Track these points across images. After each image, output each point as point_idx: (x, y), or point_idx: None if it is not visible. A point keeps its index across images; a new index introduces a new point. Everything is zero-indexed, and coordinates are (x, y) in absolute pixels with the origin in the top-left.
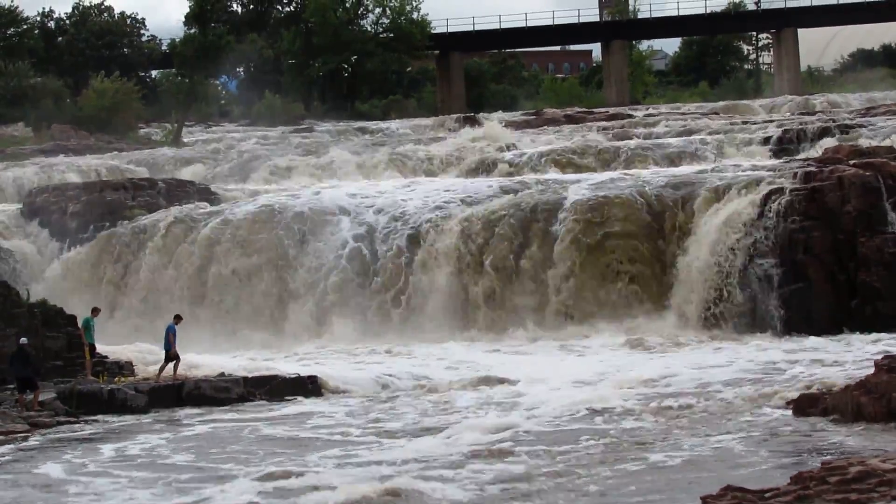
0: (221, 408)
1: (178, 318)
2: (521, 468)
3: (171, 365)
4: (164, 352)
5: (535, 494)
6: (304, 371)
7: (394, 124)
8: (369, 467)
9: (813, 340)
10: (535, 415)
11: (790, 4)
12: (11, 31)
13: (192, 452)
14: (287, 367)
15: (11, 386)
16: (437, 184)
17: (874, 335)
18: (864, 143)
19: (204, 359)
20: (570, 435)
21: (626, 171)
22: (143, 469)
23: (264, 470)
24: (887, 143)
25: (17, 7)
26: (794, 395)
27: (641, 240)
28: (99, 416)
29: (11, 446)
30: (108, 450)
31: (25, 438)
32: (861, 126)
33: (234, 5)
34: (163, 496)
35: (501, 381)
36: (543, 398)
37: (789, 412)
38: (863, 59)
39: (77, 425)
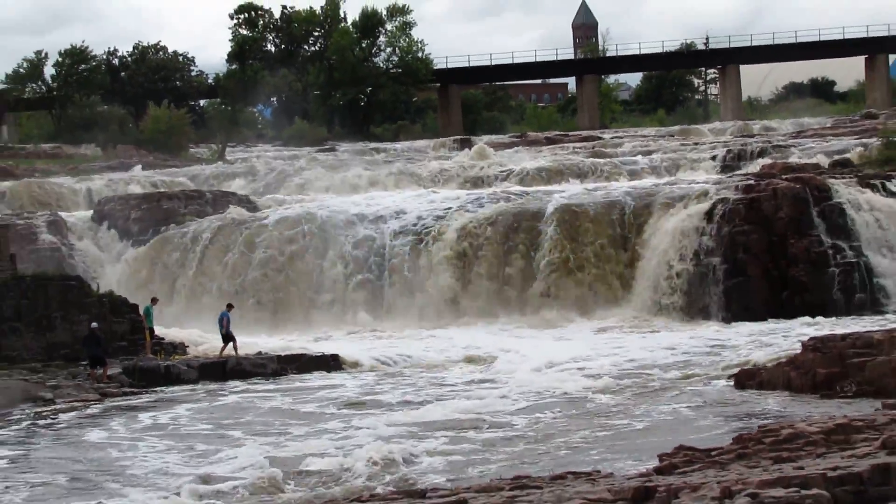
0: (259, 381)
1: (230, 307)
2: (500, 434)
3: (230, 345)
4: (219, 335)
5: (512, 457)
6: (328, 350)
7: (401, 145)
8: (359, 438)
9: (750, 326)
10: (512, 389)
11: (734, 45)
12: (83, 67)
13: (211, 423)
14: (314, 346)
15: (84, 363)
16: (439, 195)
17: (801, 320)
18: (794, 160)
19: (244, 339)
20: (543, 407)
21: (597, 184)
22: (167, 437)
23: (270, 439)
24: (814, 160)
25: (87, 47)
26: (735, 370)
27: (609, 241)
28: (157, 388)
29: (75, 413)
30: (145, 418)
31: (87, 406)
32: (792, 146)
33: (268, 45)
34: (179, 461)
35: (487, 359)
36: (521, 377)
37: (731, 385)
38: (794, 91)
39: (138, 395)
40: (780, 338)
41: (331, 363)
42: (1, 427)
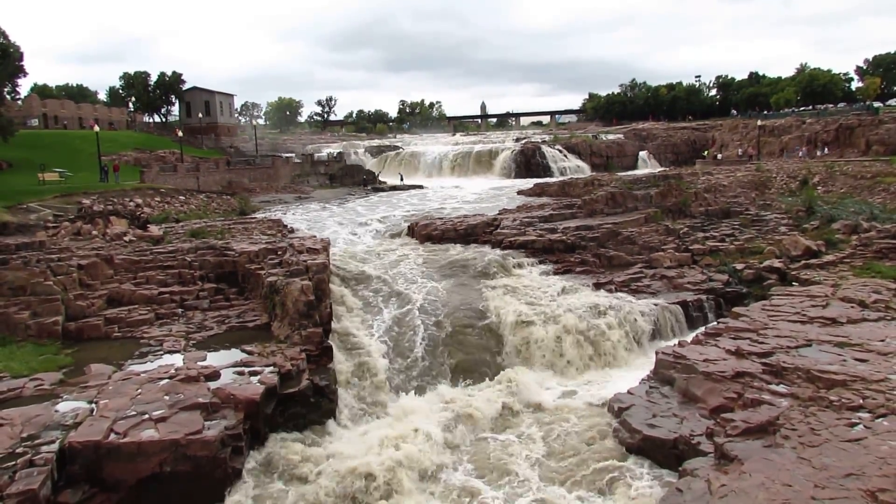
0: (404, 192)
1: (401, 174)
2: (455, 203)
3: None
4: (397, 181)
5: (458, 209)
6: (419, 183)
7: (439, 134)
8: (409, 213)
9: (526, 180)
10: (464, 194)
11: (518, 111)
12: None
13: (374, 204)
14: (417, 182)
15: (362, 185)
16: (450, 147)
17: (536, 179)
18: (536, 139)
19: (402, 182)
20: (472, 197)
21: (485, 145)
22: (380, 203)
23: (384, 211)
24: (543, 139)
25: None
26: (520, 189)
27: (486, 157)
28: (381, 191)
29: (358, 196)
30: (376, 197)
31: (362, 195)
32: (533, 138)
33: (407, 110)
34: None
35: (459, 186)
36: (470, 190)
37: (516, 194)
38: (534, 124)
39: (375, 192)
40: (532, 183)
41: (423, 187)
42: (339, 201)
